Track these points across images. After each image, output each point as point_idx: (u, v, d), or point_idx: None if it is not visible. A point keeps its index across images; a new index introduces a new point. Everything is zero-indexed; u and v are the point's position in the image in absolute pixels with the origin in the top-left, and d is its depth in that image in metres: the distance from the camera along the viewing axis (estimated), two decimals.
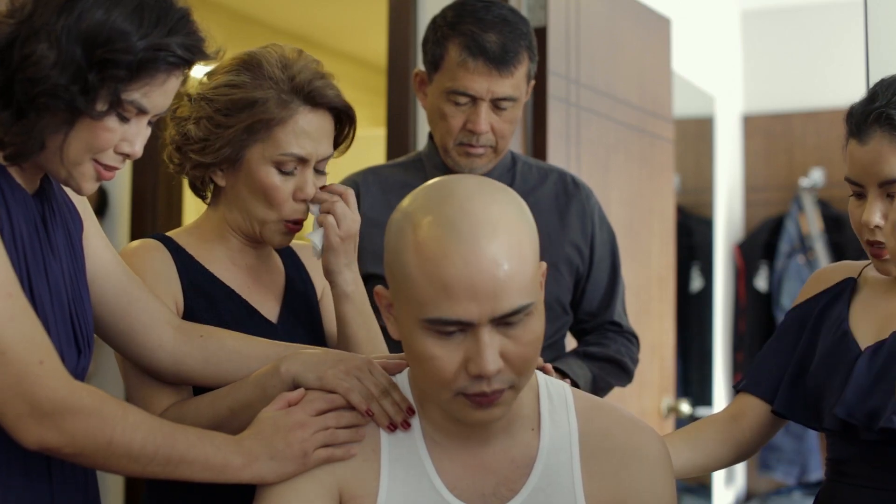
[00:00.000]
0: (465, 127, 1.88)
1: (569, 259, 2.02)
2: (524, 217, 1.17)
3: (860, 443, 1.45)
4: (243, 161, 1.50)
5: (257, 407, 1.32)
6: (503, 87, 1.86)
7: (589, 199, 2.07)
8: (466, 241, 1.10)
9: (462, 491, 1.23)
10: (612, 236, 2.11)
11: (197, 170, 1.54)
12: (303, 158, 1.50)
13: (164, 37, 1.17)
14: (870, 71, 1.95)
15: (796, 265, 4.64)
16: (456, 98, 1.87)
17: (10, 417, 1.14)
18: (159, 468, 1.20)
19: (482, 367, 1.12)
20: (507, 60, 1.84)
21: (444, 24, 1.90)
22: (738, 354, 4.73)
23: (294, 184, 1.51)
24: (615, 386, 2.05)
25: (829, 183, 4.74)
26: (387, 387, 1.29)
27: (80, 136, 1.18)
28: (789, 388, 1.58)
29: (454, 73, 1.86)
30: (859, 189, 1.51)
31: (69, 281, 1.29)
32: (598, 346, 2.03)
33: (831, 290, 1.62)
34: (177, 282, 1.51)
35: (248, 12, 4.52)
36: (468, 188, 1.16)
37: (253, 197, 1.52)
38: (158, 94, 1.21)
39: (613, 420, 1.30)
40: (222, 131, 1.49)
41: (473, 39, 1.84)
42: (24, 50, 1.14)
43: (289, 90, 1.49)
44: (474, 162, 1.92)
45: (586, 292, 2.05)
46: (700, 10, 4.39)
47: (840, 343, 1.53)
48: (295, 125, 1.49)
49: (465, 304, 1.10)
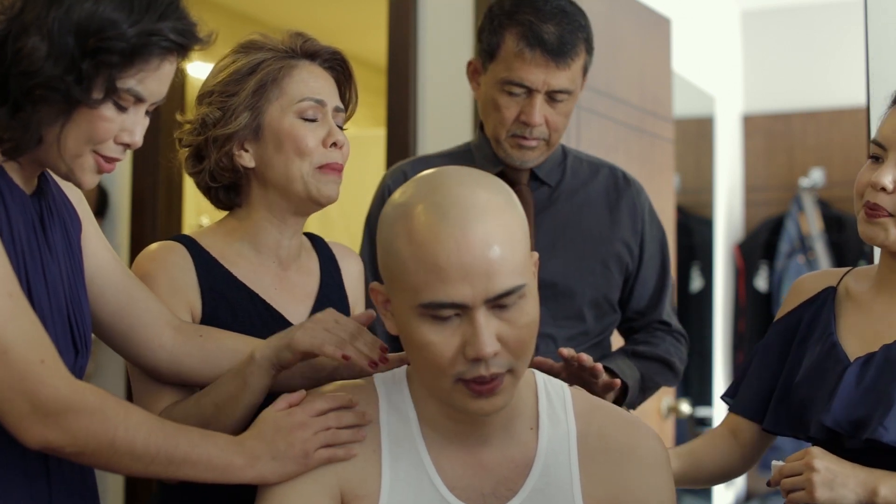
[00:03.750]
0: (519, 118, 1.85)
1: (619, 256, 1.98)
2: (513, 203, 1.19)
3: (845, 452, 1.46)
4: (264, 126, 1.51)
5: (240, 398, 1.34)
6: (559, 79, 1.83)
7: (640, 196, 2.04)
8: (457, 224, 1.12)
9: (462, 490, 1.24)
10: (662, 233, 2.07)
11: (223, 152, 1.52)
12: (320, 101, 1.52)
13: (155, 22, 1.18)
14: (870, 71, 1.94)
15: (796, 265, 4.64)
16: (511, 88, 1.83)
17: (12, 417, 1.14)
18: (161, 468, 1.20)
19: (479, 349, 1.12)
20: (564, 52, 1.82)
21: (501, 13, 1.86)
22: (739, 354, 4.73)
23: (321, 132, 1.52)
24: (662, 386, 2.03)
25: (829, 183, 4.74)
26: (354, 330, 1.34)
27: (78, 127, 1.19)
28: (778, 404, 1.59)
29: (510, 64, 1.83)
30: (880, 152, 1.50)
31: (67, 281, 1.29)
32: (647, 344, 2.01)
33: (814, 301, 1.61)
34: (194, 286, 1.50)
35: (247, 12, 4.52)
36: (457, 177, 1.19)
37: (282, 155, 1.51)
38: (154, 81, 1.21)
39: (612, 420, 1.30)
40: (234, 99, 1.51)
41: (531, 29, 1.81)
42: (16, 45, 1.15)
43: (283, 51, 1.54)
44: (526, 154, 1.89)
45: (635, 290, 2.02)
46: (700, 10, 4.39)
47: (829, 354, 1.53)
48: (301, 74, 1.53)
49: (459, 286, 1.11)
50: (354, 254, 1.71)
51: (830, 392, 1.48)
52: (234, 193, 1.57)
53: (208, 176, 1.54)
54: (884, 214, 1.48)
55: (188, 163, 1.57)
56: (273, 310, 1.54)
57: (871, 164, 1.52)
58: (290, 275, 1.58)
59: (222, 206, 1.60)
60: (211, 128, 1.52)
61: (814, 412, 1.50)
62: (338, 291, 1.63)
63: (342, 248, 1.69)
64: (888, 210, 1.47)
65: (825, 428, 1.47)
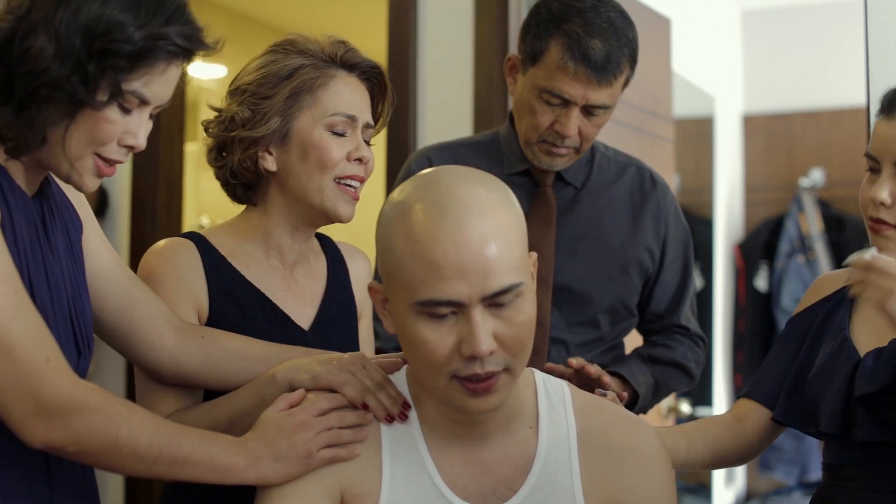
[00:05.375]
0: (553, 127, 1.82)
1: (640, 262, 1.96)
2: (510, 202, 1.19)
3: (857, 447, 1.46)
4: (292, 133, 1.50)
5: (254, 415, 1.32)
6: (600, 95, 1.80)
7: (665, 197, 2.01)
8: (454, 222, 1.12)
9: (462, 489, 1.24)
10: (686, 235, 2.04)
11: (247, 154, 1.51)
12: (352, 117, 1.51)
13: (162, 26, 1.18)
14: (870, 71, 1.94)
15: (796, 265, 4.64)
16: (549, 98, 1.80)
17: (16, 415, 1.14)
18: (164, 468, 1.20)
19: (475, 347, 1.13)
20: (608, 70, 1.78)
21: (550, 17, 1.81)
22: (738, 354, 4.73)
23: (348, 146, 1.51)
24: (677, 390, 2.01)
25: (829, 183, 4.74)
26: (381, 380, 1.30)
27: (83, 129, 1.19)
28: (788, 397, 1.59)
29: (552, 73, 1.79)
30: (876, 165, 1.52)
31: (69, 282, 1.29)
32: (664, 348, 1.98)
33: (832, 298, 1.62)
34: (202, 285, 1.49)
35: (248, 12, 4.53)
36: (455, 175, 1.19)
37: (306, 165, 1.50)
38: (159, 84, 1.21)
39: (612, 418, 1.30)
40: (268, 102, 1.50)
41: (578, 43, 1.76)
42: (23, 44, 1.15)
43: (322, 59, 1.52)
44: (555, 161, 1.87)
45: (655, 293, 1.99)
46: (700, 10, 4.39)
47: (840, 350, 1.53)
48: (337, 86, 1.51)
49: (455, 284, 1.11)
50: (362, 253, 1.70)
51: (841, 387, 1.48)
52: (251, 192, 1.57)
53: (229, 172, 1.54)
54: (888, 228, 1.50)
55: (211, 154, 1.56)
56: (280, 311, 1.53)
57: (870, 177, 1.53)
58: (297, 277, 1.58)
59: (238, 201, 1.60)
60: (239, 127, 1.51)
61: (824, 407, 1.50)
62: (344, 292, 1.63)
63: (350, 248, 1.68)
64: (892, 223, 1.49)
65: (835, 423, 1.47)
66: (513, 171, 1.92)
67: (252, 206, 1.58)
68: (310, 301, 1.58)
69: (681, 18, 3.74)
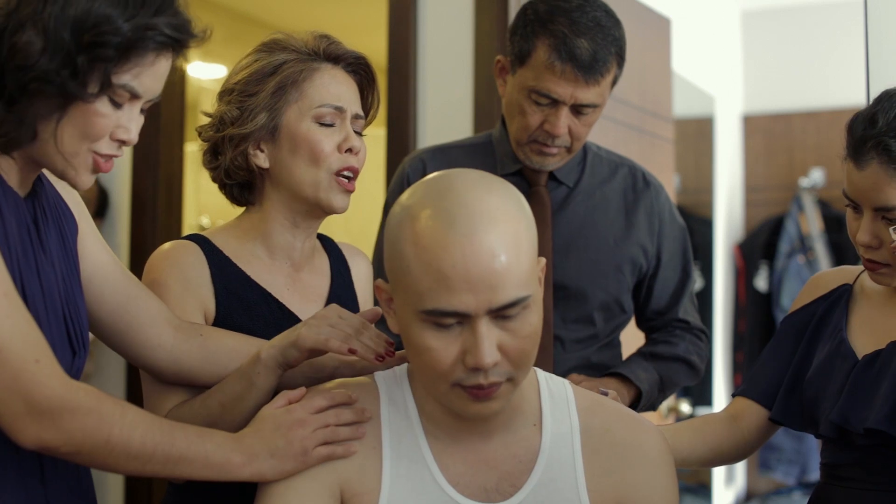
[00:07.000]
0: (542, 126, 1.84)
1: (633, 260, 1.97)
2: (522, 210, 1.18)
3: (855, 448, 1.46)
4: (281, 127, 1.51)
5: (246, 398, 1.34)
6: (588, 94, 1.81)
7: (658, 197, 2.02)
8: (464, 232, 1.11)
9: (465, 486, 1.24)
10: (683, 233, 2.06)
11: (238, 151, 1.52)
12: (339, 108, 1.52)
13: (150, 17, 1.18)
14: (870, 71, 1.95)
15: (796, 265, 4.64)
16: (537, 98, 1.82)
17: (7, 417, 1.14)
18: (159, 466, 1.20)
19: (479, 360, 1.12)
20: (595, 69, 1.79)
21: (536, 18, 1.83)
22: (738, 354, 4.73)
23: (337, 138, 1.52)
24: (683, 385, 2.03)
25: (829, 183, 4.74)
26: (359, 326, 1.33)
27: (74, 123, 1.19)
28: (786, 396, 1.59)
29: (539, 74, 1.80)
30: (855, 205, 1.51)
31: (62, 282, 1.28)
32: (666, 344, 2.00)
33: (828, 297, 1.62)
34: (208, 287, 1.50)
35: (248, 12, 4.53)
36: (467, 181, 1.17)
37: (297, 159, 1.51)
38: (149, 77, 1.21)
39: (614, 417, 1.30)
40: (253, 99, 1.51)
41: (564, 43, 1.78)
42: (12, 39, 1.15)
43: (306, 53, 1.53)
44: (546, 160, 1.89)
45: (654, 290, 2.01)
46: (700, 10, 4.39)
47: (837, 351, 1.53)
48: (322, 78, 1.52)
49: (463, 296, 1.11)
50: (362, 253, 1.71)
51: (839, 389, 1.48)
52: (248, 191, 1.58)
53: (223, 173, 1.55)
54: (882, 268, 1.50)
55: (205, 157, 1.58)
56: (286, 310, 1.54)
57: (852, 212, 1.52)
58: (302, 276, 1.59)
59: (237, 203, 1.60)
60: (228, 126, 1.52)
61: (823, 409, 1.50)
62: (348, 291, 1.64)
63: (351, 249, 1.69)
64: (882, 262, 1.49)
65: (834, 426, 1.47)
66: (506, 171, 1.94)
67: (251, 206, 1.58)
68: (315, 299, 1.59)
69: (681, 18, 3.74)
